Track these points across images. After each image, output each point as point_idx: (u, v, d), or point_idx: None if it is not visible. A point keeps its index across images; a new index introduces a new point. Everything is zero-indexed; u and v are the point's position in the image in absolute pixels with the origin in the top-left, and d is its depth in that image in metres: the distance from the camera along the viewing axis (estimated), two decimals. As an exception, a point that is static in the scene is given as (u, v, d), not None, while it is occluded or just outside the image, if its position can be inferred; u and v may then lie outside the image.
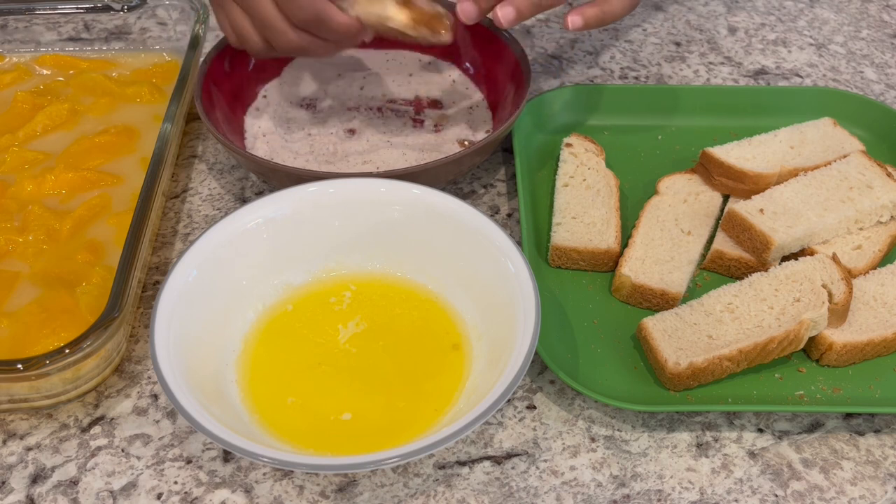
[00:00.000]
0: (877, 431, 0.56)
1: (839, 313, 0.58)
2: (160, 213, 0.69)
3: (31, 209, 0.65)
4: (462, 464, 0.54)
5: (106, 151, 0.71)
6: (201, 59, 0.74)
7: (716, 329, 0.58)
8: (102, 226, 0.65)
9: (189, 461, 0.54)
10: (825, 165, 0.69)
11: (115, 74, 0.79)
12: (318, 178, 0.62)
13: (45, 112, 0.74)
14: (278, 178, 0.65)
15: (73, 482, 0.53)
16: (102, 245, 0.63)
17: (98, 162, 0.70)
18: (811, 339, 0.58)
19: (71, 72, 0.79)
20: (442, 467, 0.54)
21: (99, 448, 0.54)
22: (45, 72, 0.79)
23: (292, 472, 0.53)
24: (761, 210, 0.64)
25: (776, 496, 0.52)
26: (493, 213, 0.71)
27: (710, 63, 0.88)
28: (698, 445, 0.55)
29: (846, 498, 0.53)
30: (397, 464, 0.48)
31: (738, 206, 0.65)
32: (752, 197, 0.66)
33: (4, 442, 0.55)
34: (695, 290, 0.64)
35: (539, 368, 0.59)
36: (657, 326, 0.58)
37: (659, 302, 0.61)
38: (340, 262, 0.62)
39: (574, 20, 0.66)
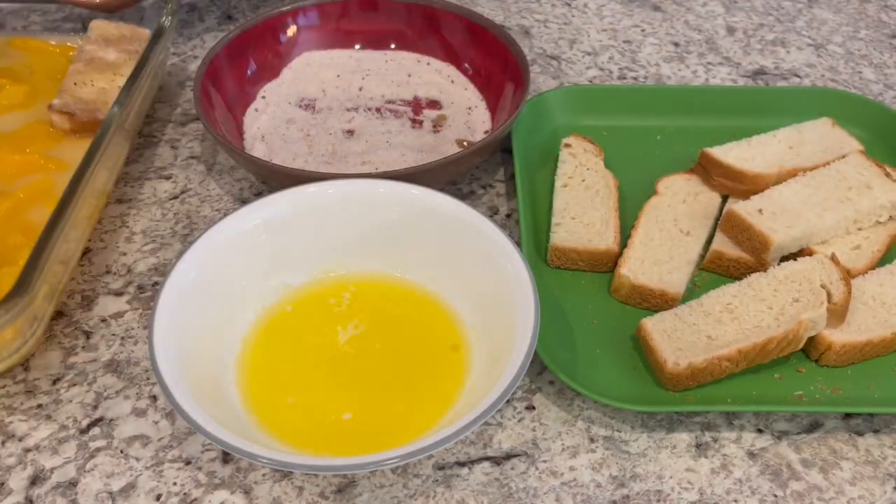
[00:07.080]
0: (876, 431, 0.56)
1: (838, 313, 0.58)
2: (104, 200, 0.68)
3: None
4: (461, 464, 0.54)
5: (55, 136, 0.71)
6: (200, 60, 0.74)
7: (715, 329, 0.58)
8: (41, 210, 0.64)
9: (188, 462, 0.54)
10: (824, 165, 0.69)
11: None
12: (317, 178, 0.62)
13: (5, 92, 0.74)
14: (277, 178, 0.65)
15: (73, 483, 0.53)
16: (37, 229, 0.59)
17: (47, 146, 0.70)
18: (810, 340, 0.58)
19: (35, 56, 0.79)
20: (441, 468, 0.54)
21: (98, 449, 0.54)
22: (15, 54, 0.79)
23: (291, 472, 0.53)
24: (760, 210, 0.64)
25: (775, 496, 0.52)
26: (492, 213, 0.71)
27: (709, 63, 0.88)
28: (697, 446, 0.55)
29: (845, 498, 0.53)
30: (397, 464, 0.48)
31: (737, 207, 0.65)
32: (751, 197, 0.66)
33: (3, 443, 0.55)
34: (694, 291, 0.64)
35: (538, 369, 0.59)
36: (656, 327, 0.58)
37: (658, 302, 0.61)
38: (339, 263, 0.62)
39: None
